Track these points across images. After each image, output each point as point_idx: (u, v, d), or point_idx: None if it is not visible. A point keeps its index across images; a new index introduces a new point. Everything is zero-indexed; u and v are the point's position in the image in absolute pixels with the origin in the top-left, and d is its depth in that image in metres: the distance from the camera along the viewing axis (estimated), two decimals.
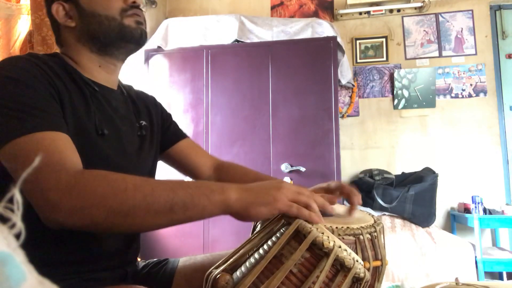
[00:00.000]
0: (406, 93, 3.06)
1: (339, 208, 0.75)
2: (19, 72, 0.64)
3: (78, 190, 0.55)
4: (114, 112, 0.80)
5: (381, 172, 2.91)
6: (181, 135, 0.99)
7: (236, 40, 2.66)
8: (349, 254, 0.54)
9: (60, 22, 0.78)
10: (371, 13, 3.14)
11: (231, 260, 0.61)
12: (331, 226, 0.59)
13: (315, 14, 3.21)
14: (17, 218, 0.20)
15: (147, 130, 0.88)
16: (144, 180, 0.59)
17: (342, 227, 0.60)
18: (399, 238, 2.37)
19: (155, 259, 0.92)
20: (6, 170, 0.63)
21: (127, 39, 0.78)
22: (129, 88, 0.92)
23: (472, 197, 2.63)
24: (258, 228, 0.73)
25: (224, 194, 0.59)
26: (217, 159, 1.02)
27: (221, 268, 0.61)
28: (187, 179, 0.98)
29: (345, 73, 2.81)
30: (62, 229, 0.57)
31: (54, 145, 0.59)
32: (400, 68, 3.10)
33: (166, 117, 0.99)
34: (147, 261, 0.92)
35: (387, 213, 2.62)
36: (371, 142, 3.10)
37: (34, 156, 0.57)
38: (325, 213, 0.68)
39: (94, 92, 0.76)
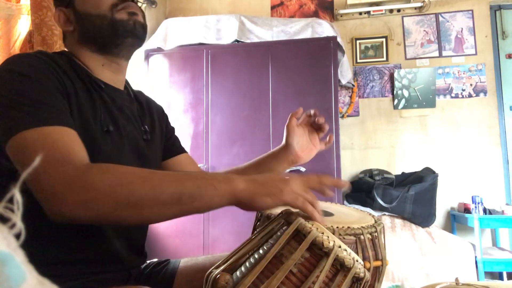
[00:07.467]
0: (406, 93, 3.06)
1: (341, 208, 0.75)
2: (27, 68, 0.65)
3: (85, 183, 0.55)
4: (118, 111, 0.80)
5: (381, 172, 2.91)
6: (181, 150, 1.01)
7: (236, 40, 2.66)
8: (349, 254, 0.54)
9: (61, 27, 0.81)
10: (371, 13, 3.14)
11: (231, 260, 0.61)
12: (332, 226, 0.59)
13: (315, 14, 3.21)
14: (17, 218, 0.20)
15: (149, 136, 0.87)
16: (151, 172, 0.60)
17: (343, 227, 0.60)
18: (399, 238, 2.37)
19: (155, 260, 0.92)
20: (7, 168, 0.63)
21: (120, 33, 0.77)
22: (138, 93, 0.93)
23: (472, 197, 2.63)
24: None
25: (231, 184, 0.59)
26: None
27: (221, 268, 0.61)
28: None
29: (345, 73, 2.81)
30: (68, 223, 0.57)
31: (62, 139, 0.60)
32: (400, 68, 3.10)
33: (169, 129, 1.00)
34: (148, 262, 0.92)
35: (387, 213, 2.62)
36: (371, 142, 3.10)
37: (41, 150, 0.57)
38: (326, 213, 0.68)
39: (100, 90, 0.76)
